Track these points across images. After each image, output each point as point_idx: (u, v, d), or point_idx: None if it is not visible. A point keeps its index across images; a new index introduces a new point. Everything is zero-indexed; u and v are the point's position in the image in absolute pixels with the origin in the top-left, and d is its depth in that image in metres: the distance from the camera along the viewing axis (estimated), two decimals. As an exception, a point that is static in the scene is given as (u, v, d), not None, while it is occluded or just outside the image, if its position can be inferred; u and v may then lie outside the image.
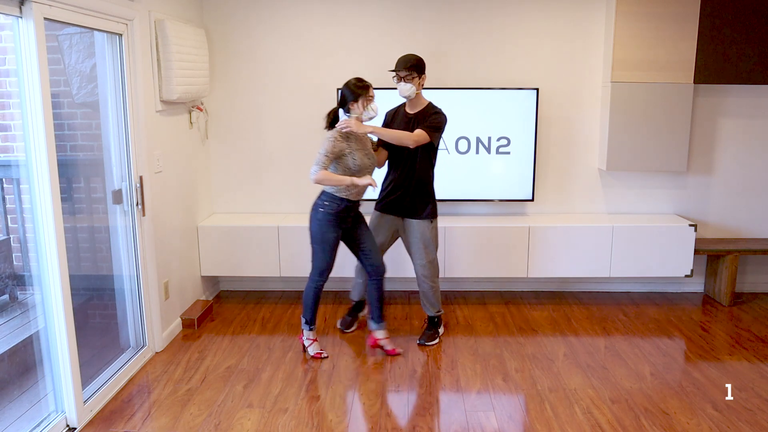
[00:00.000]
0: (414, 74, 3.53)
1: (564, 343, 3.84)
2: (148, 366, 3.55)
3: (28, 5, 2.54)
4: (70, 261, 2.82)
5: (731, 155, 4.60)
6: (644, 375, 3.42)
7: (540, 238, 4.36)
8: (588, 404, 3.11)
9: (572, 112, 4.56)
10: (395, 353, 3.65)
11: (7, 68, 2.89)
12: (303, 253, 4.39)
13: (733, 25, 4.24)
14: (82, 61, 3.28)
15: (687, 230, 4.35)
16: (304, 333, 3.66)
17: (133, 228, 3.50)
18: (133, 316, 3.59)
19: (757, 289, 4.82)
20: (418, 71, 3.55)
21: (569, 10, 4.43)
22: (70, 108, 3.32)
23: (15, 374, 2.91)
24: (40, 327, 2.84)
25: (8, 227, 3.18)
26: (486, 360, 3.61)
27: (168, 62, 3.66)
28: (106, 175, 3.41)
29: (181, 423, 2.94)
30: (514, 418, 2.98)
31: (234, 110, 4.61)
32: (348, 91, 3.40)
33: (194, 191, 4.36)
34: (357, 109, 3.40)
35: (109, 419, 2.98)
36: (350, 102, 3.39)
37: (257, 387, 3.29)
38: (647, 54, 4.26)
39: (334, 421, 2.96)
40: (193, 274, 4.35)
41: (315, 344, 3.65)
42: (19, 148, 2.69)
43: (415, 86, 3.55)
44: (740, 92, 4.51)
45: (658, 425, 2.92)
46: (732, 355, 3.68)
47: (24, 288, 3.12)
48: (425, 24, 4.45)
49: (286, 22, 4.48)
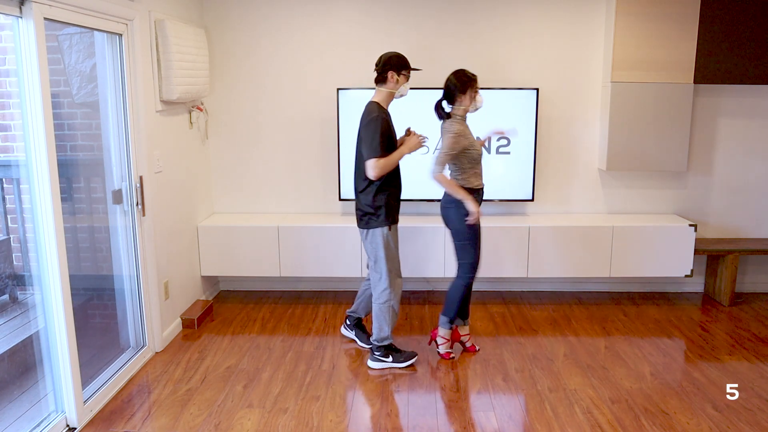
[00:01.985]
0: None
1: (564, 343, 3.84)
2: (148, 366, 3.55)
3: (28, 5, 2.54)
4: (70, 261, 2.82)
5: (731, 155, 4.60)
6: (644, 375, 3.43)
7: (540, 238, 4.36)
8: (588, 404, 3.11)
9: (572, 112, 4.56)
10: (474, 350, 3.70)
11: (7, 68, 2.89)
12: (303, 253, 4.39)
13: (733, 25, 4.24)
14: (82, 61, 3.28)
15: (687, 230, 4.35)
16: (441, 330, 3.62)
17: (133, 228, 3.50)
18: (133, 316, 3.59)
19: (757, 289, 4.82)
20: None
21: (569, 11, 4.43)
22: (70, 108, 3.32)
23: (15, 374, 2.91)
24: (40, 327, 2.85)
25: (8, 227, 3.18)
26: (486, 360, 3.61)
27: (168, 62, 3.66)
28: (106, 175, 3.41)
29: (181, 423, 2.94)
30: (514, 418, 2.98)
31: (234, 110, 4.61)
32: (457, 83, 3.35)
33: (194, 191, 4.36)
34: (465, 101, 3.36)
35: (109, 419, 2.99)
36: (458, 95, 3.35)
37: (257, 387, 3.29)
38: (647, 54, 4.26)
39: (334, 421, 2.96)
40: (193, 274, 4.35)
41: (447, 344, 3.62)
42: (19, 148, 2.69)
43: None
44: (740, 92, 4.51)
45: (658, 425, 2.92)
46: (732, 355, 3.68)
47: (24, 288, 3.12)
48: (424, 24, 4.45)
49: (286, 22, 4.48)
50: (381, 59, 3.36)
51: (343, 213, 4.71)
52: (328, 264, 4.40)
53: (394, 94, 3.40)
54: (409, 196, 4.47)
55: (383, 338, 3.47)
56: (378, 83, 3.39)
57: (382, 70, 3.35)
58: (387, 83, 3.36)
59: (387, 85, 3.36)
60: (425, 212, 4.67)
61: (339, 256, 4.40)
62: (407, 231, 4.31)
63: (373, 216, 3.37)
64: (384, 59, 3.35)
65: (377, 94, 3.40)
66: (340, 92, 4.38)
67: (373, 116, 3.29)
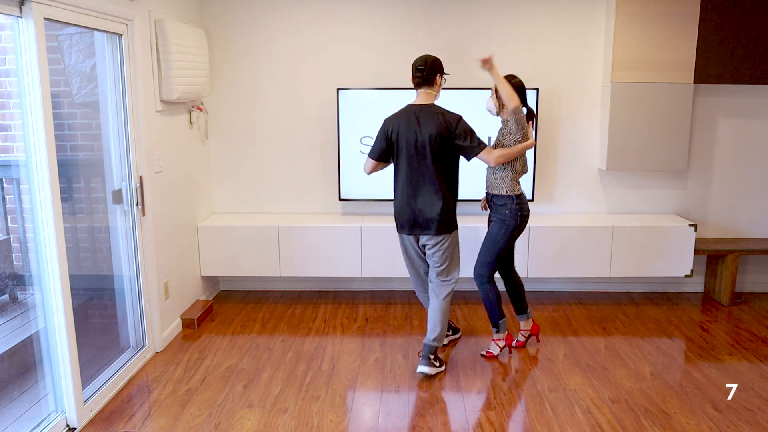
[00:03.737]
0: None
1: (564, 344, 3.84)
2: (148, 366, 3.55)
3: (28, 5, 2.54)
4: (70, 261, 2.82)
5: (731, 155, 4.60)
6: (644, 375, 3.43)
7: (540, 238, 4.36)
8: (588, 404, 3.11)
9: (572, 112, 4.56)
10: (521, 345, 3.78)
11: (7, 68, 2.89)
12: (303, 253, 4.39)
13: (733, 25, 4.24)
14: (82, 61, 3.28)
15: (687, 230, 4.35)
16: (494, 335, 3.66)
17: (133, 228, 3.50)
18: (133, 316, 3.59)
19: (757, 289, 4.82)
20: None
21: (569, 11, 4.43)
22: (70, 108, 3.31)
23: (15, 374, 2.91)
24: (40, 327, 2.85)
25: (8, 227, 3.17)
26: (486, 360, 3.60)
27: (168, 62, 3.66)
28: (106, 175, 3.41)
29: (181, 423, 2.94)
30: (515, 419, 2.98)
31: (234, 110, 4.61)
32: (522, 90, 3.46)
33: (194, 191, 4.36)
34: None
35: (109, 419, 2.99)
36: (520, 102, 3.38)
37: (257, 387, 3.29)
38: (647, 54, 4.26)
39: (334, 421, 2.96)
40: (193, 274, 4.35)
41: (498, 348, 3.68)
42: (19, 148, 2.69)
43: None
44: (740, 92, 4.51)
45: (658, 425, 2.92)
46: (732, 355, 3.68)
47: (24, 288, 3.12)
48: (425, 25, 4.45)
49: (286, 22, 4.48)
50: (428, 62, 3.30)
51: (343, 213, 4.71)
52: (328, 264, 4.41)
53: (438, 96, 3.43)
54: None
55: (442, 338, 3.46)
56: (424, 86, 3.34)
57: (431, 72, 3.31)
58: (434, 86, 3.36)
59: (434, 87, 3.36)
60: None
61: (339, 256, 4.40)
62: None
63: (452, 220, 3.39)
64: (431, 62, 3.31)
65: (427, 97, 3.35)
66: (340, 92, 4.38)
67: (457, 114, 3.31)
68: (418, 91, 3.37)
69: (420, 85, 3.35)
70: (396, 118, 3.37)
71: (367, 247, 4.37)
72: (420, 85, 3.35)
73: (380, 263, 4.39)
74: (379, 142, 3.41)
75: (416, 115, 3.31)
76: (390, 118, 3.41)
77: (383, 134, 3.39)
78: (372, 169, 3.48)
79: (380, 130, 3.41)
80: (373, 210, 4.72)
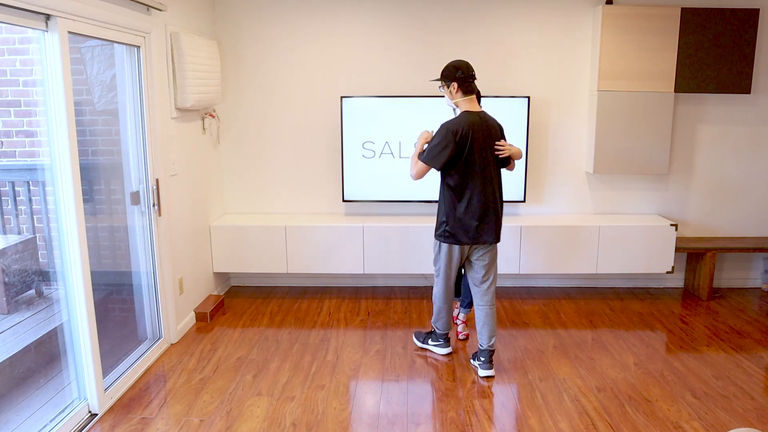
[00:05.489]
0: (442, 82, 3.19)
1: (553, 336, 3.86)
2: (164, 357, 3.57)
3: (53, 20, 2.56)
4: (91, 258, 2.84)
5: (709, 159, 4.63)
6: (628, 365, 3.45)
7: (531, 237, 4.38)
8: (576, 392, 3.13)
9: (561, 119, 4.58)
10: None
11: (33, 78, 2.91)
12: (309, 250, 4.41)
13: (711, 38, 4.26)
14: (103, 72, 3.30)
15: (668, 230, 4.37)
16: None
17: (150, 227, 3.52)
18: (150, 309, 3.61)
19: (733, 285, 4.84)
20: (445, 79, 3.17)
21: (558, 24, 4.45)
22: (92, 115, 3.33)
23: (41, 364, 2.93)
24: (64, 320, 2.87)
25: (34, 227, 3.20)
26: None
27: (183, 72, 3.68)
28: (124, 178, 3.43)
29: (194, 410, 2.97)
30: (507, 406, 3.00)
31: (244, 117, 4.63)
32: None
33: (207, 193, 4.38)
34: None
35: (128, 406, 3.01)
36: None
37: (266, 376, 3.31)
38: (631, 65, 4.29)
39: (337, 409, 2.98)
40: (206, 270, 4.37)
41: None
42: (45, 152, 2.71)
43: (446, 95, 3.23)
44: (717, 101, 4.54)
45: (641, 412, 2.94)
46: (710, 346, 3.71)
47: (49, 283, 3.14)
48: (421, 37, 4.46)
49: (293, 35, 4.50)
50: (470, 69, 3.09)
51: (346, 213, 4.73)
52: (332, 261, 4.43)
53: None
54: (409, 197, 4.49)
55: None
56: (472, 93, 3.15)
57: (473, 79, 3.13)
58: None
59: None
60: (422, 213, 4.69)
61: (342, 254, 4.42)
62: (408, 231, 4.34)
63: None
64: (472, 70, 3.11)
65: (475, 103, 3.16)
66: (344, 100, 4.40)
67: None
68: (468, 98, 3.12)
69: (473, 91, 3.13)
70: (467, 126, 3.05)
71: (369, 246, 4.39)
72: (473, 91, 3.13)
73: (381, 261, 4.41)
74: (447, 150, 3.05)
75: (485, 122, 3.08)
76: (457, 125, 3.07)
77: (452, 141, 3.05)
78: (423, 175, 3.18)
79: (445, 137, 3.05)
80: (375, 210, 4.74)
